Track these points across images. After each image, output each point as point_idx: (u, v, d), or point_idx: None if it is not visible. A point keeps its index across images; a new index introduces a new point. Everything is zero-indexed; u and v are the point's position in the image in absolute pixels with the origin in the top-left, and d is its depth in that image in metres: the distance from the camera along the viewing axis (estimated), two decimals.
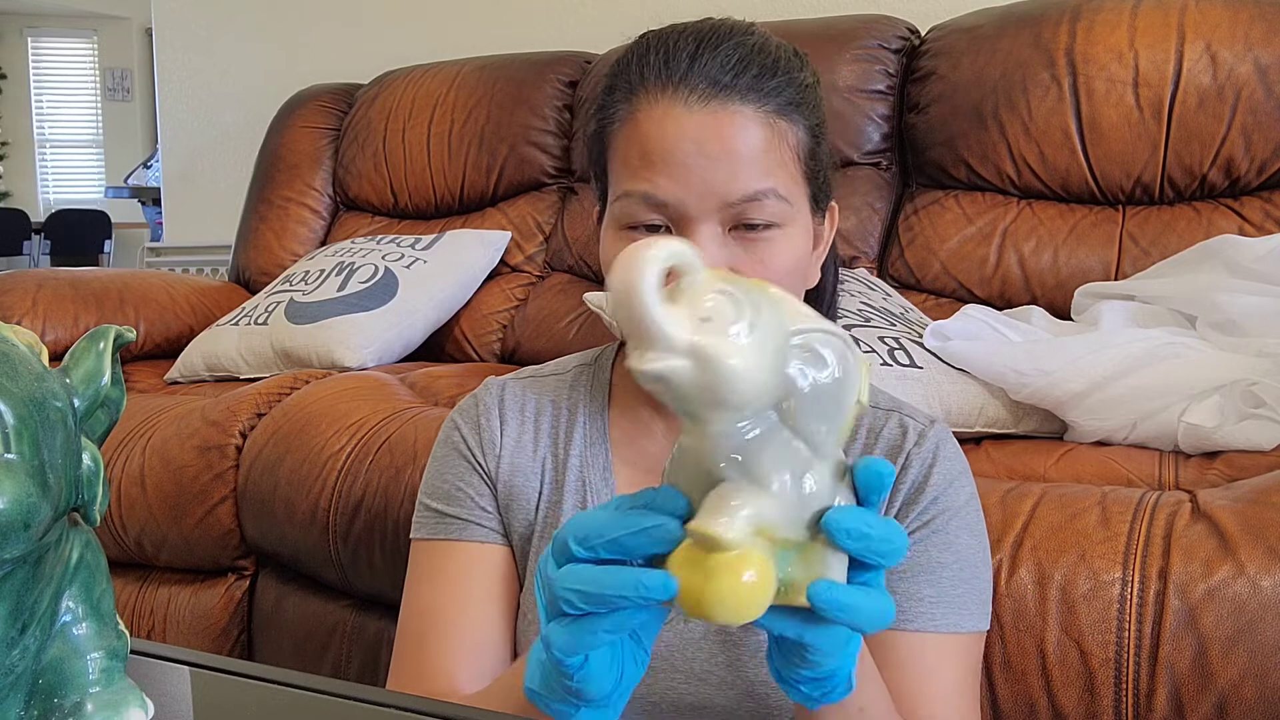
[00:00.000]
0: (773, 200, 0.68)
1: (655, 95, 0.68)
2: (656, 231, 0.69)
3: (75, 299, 2.01)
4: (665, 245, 0.42)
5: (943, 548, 0.71)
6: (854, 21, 1.83)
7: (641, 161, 0.68)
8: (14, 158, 7.98)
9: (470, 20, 2.61)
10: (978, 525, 0.75)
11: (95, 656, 0.49)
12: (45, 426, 0.44)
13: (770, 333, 0.42)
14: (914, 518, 0.72)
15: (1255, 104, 1.52)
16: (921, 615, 0.70)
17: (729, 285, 0.43)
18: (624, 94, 0.71)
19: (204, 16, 2.97)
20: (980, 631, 0.73)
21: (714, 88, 0.67)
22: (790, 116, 0.69)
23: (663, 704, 0.73)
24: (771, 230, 0.68)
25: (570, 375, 0.83)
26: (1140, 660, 0.86)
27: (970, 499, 0.75)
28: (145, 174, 6.45)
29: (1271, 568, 0.85)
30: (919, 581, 0.71)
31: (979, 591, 0.73)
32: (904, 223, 1.76)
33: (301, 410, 1.44)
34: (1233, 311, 1.28)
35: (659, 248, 0.42)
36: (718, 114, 0.67)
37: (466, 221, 2.19)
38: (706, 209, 0.67)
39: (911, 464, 0.73)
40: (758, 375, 0.42)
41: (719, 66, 0.67)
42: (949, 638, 0.70)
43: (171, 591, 1.52)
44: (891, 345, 1.32)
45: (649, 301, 0.41)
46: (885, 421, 0.76)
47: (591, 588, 0.45)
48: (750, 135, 0.67)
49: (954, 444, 0.76)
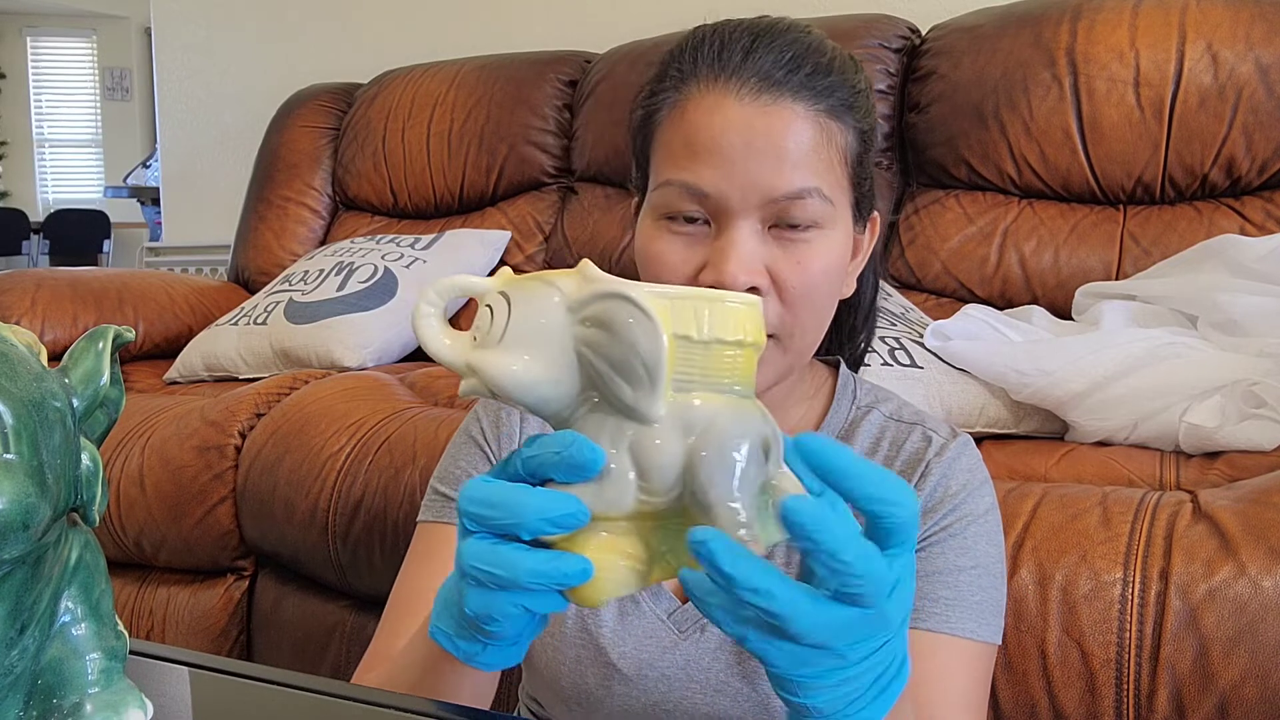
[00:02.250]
0: (816, 200, 0.66)
1: (706, 86, 0.67)
2: (694, 224, 0.68)
3: (74, 299, 2.01)
4: (439, 284, 0.45)
5: (961, 553, 0.71)
6: (854, 21, 1.83)
7: (686, 151, 0.67)
8: (13, 157, 7.98)
9: (470, 20, 2.61)
10: (997, 536, 0.74)
11: (94, 657, 0.49)
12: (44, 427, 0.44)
13: (536, 325, 0.42)
14: (933, 524, 0.71)
15: (1256, 103, 1.52)
16: (936, 616, 0.69)
17: (501, 290, 0.44)
18: (674, 83, 0.70)
19: (203, 16, 2.97)
20: (993, 644, 0.71)
21: (766, 82, 0.66)
22: (841, 119, 0.68)
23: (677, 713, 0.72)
24: (811, 231, 0.67)
25: None
26: (1141, 661, 0.86)
27: (990, 510, 0.74)
28: (144, 174, 6.45)
29: (1273, 568, 0.85)
30: (935, 583, 0.70)
31: (995, 603, 0.71)
32: (904, 222, 1.75)
33: (301, 410, 1.44)
34: (1234, 311, 1.28)
35: (432, 288, 0.45)
36: (768, 109, 0.66)
37: (466, 221, 2.19)
38: (748, 204, 0.66)
39: (932, 472, 0.73)
40: (530, 369, 0.42)
41: (773, 62, 0.66)
42: (964, 642, 0.69)
43: (170, 592, 1.52)
44: (892, 345, 1.32)
45: (428, 339, 0.45)
46: (909, 434, 0.76)
47: (503, 572, 0.43)
48: (799, 133, 0.66)
49: (976, 455, 0.76)
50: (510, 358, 0.42)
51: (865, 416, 0.77)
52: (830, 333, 0.86)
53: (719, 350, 0.42)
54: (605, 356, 0.42)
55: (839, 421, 0.77)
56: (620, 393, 0.42)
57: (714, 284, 0.65)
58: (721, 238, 0.66)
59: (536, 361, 0.42)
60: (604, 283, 0.42)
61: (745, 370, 0.43)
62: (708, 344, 0.42)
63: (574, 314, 0.42)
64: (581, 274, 0.43)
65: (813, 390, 0.79)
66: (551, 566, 0.42)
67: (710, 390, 0.42)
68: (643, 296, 0.41)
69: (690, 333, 0.41)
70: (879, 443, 0.76)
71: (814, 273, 0.67)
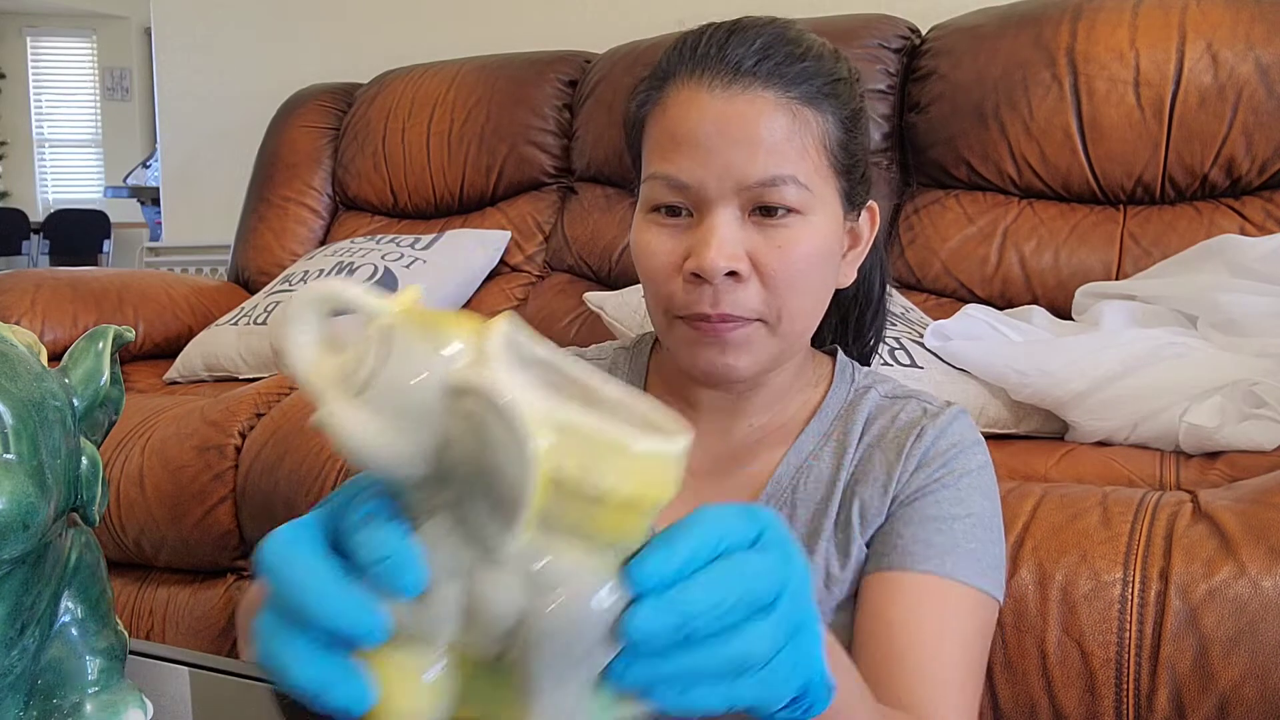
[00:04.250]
0: (791, 187, 0.68)
1: (683, 81, 0.70)
2: (677, 215, 0.70)
3: (74, 299, 2.01)
4: (320, 289, 0.38)
5: (954, 503, 0.71)
6: (854, 21, 1.83)
7: (669, 144, 0.70)
8: (13, 157, 7.98)
9: (470, 20, 2.61)
10: (992, 492, 0.75)
11: (94, 657, 0.49)
12: (44, 427, 0.44)
13: (407, 392, 0.34)
14: (926, 477, 0.73)
15: (1256, 103, 1.52)
16: (932, 559, 0.69)
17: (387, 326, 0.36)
18: (657, 81, 0.73)
19: (203, 16, 2.97)
20: (992, 597, 0.71)
21: (736, 72, 0.68)
22: (817, 106, 0.70)
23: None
24: (790, 217, 0.69)
25: (609, 359, 0.86)
26: (1141, 660, 0.86)
27: (984, 467, 0.75)
28: (144, 174, 6.46)
29: (1273, 568, 0.85)
30: (929, 529, 0.70)
31: (993, 557, 0.72)
32: (904, 222, 1.75)
33: (301, 410, 1.44)
34: (1234, 311, 1.28)
35: (312, 292, 0.38)
36: (737, 98, 0.68)
37: (466, 221, 2.19)
38: (725, 190, 0.68)
39: (925, 433, 0.74)
40: (385, 442, 0.34)
41: (744, 53, 0.69)
42: (959, 587, 0.69)
43: (170, 592, 1.52)
44: (892, 345, 1.32)
45: (289, 348, 0.38)
46: (904, 406, 0.78)
47: (279, 666, 0.36)
48: (771, 121, 0.68)
49: (970, 424, 0.78)
50: (367, 419, 0.34)
51: (863, 396, 0.79)
52: (839, 330, 0.88)
53: (604, 507, 0.34)
54: (468, 461, 0.34)
55: (838, 403, 0.79)
56: (474, 510, 0.34)
57: (696, 270, 0.67)
58: (701, 225, 0.68)
59: (397, 434, 0.34)
60: (491, 375, 0.33)
61: (633, 530, 0.35)
62: (589, 497, 0.33)
63: (451, 396, 0.34)
64: (481, 348, 0.35)
65: (815, 380, 0.80)
66: (328, 685, 0.35)
67: (581, 545, 0.34)
68: (522, 417, 0.32)
69: (573, 478, 0.33)
70: (875, 418, 0.77)
71: (795, 257, 0.69)
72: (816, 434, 0.77)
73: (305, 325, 0.38)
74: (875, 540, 0.72)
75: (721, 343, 0.69)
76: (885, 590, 0.69)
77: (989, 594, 0.70)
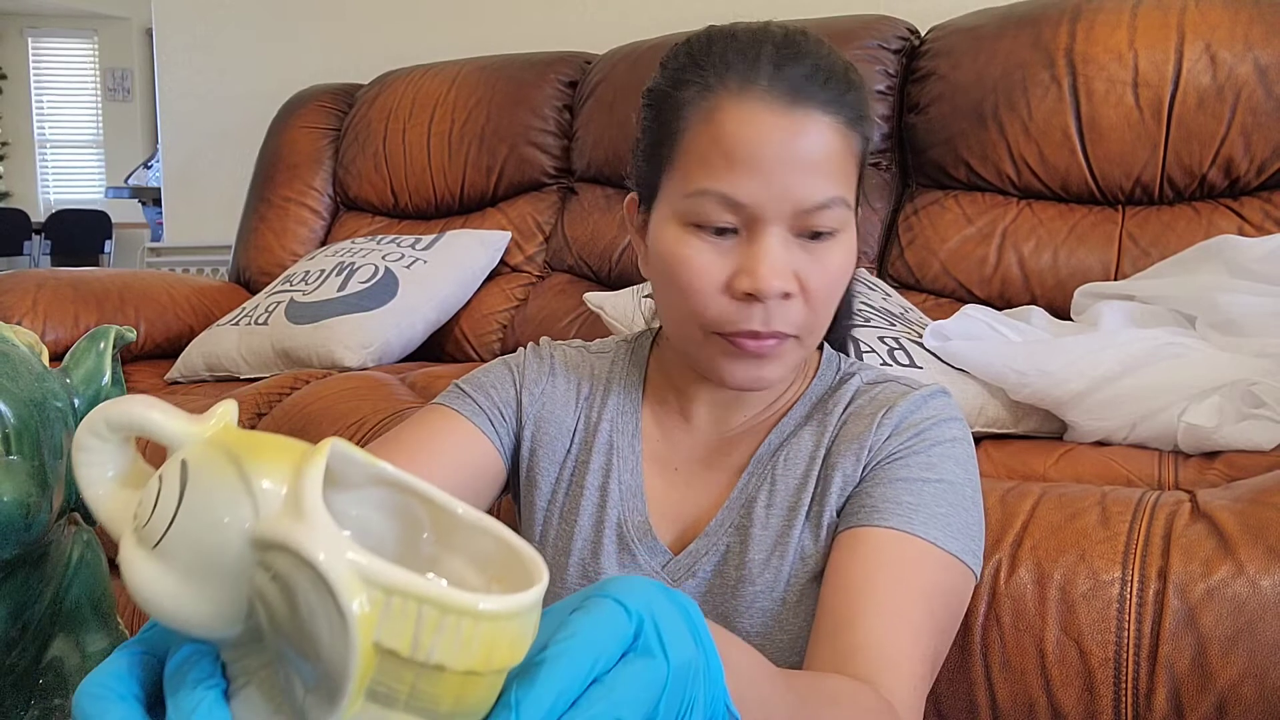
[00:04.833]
0: (839, 209, 0.70)
1: (738, 96, 0.69)
2: (724, 235, 0.70)
3: (75, 299, 2.01)
4: (114, 412, 0.34)
5: (925, 468, 0.72)
6: (854, 22, 1.83)
7: (724, 161, 0.68)
8: (14, 158, 7.99)
9: (470, 20, 2.61)
10: (968, 463, 0.74)
11: (95, 657, 0.50)
12: (45, 427, 0.44)
13: (205, 544, 0.30)
14: (897, 444, 0.73)
15: (1255, 104, 1.52)
16: (896, 516, 0.69)
17: (183, 461, 0.32)
18: (699, 90, 0.71)
19: (204, 16, 2.97)
20: (965, 565, 0.70)
21: (798, 95, 0.68)
22: (858, 128, 0.71)
23: None
24: (832, 236, 0.70)
25: (612, 353, 0.88)
26: (1140, 660, 0.86)
27: (959, 440, 0.75)
28: (145, 174, 6.46)
29: (1271, 567, 0.85)
30: (897, 489, 0.70)
31: (964, 524, 0.71)
32: (904, 223, 1.76)
33: (301, 410, 1.44)
34: (1233, 312, 1.28)
35: (103, 416, 0.34)
36: (802, 121, 0.68)
37: (466, 221, 2.19)
38: (781, 213, 0.68)
39: (899, 404, 0.75)
40: (183, 600, 0.30)
41: (803, 75, 0.69)
42: (921, 543, 0.68)
43: None
44: (891, 345, 1.32)
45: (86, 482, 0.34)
46: (884, 388, 0.79)
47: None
48: (828, 144, 0.69)
49: (949, 401, 0.78)
50: (163, 572, 0.30)
51: (845, 383, 0.80)
52: None
53: (444, 675, 0.29)
54: (281, 628, 0.29)
55: (822, 388, 0.81)
56: (290, 682, 0.30)
57: (749, 291, 0.68)
58: (754, 245, 0.69)
59: (195, 592, 0.30)
60: (305, 526, 0.28)
61: (479, 699, 0.30)
62: (425, 666, 0.29)
63: (257, 549, 0.30)
64: (296, 488, 0.30)
65: (805, 370, 0.83)
66: None
67: (422, 718, 0.30)
68: (340, 579, 0.28)
69: (403, 649, 0.28)
70: (856, 399, 0.78)
71: (834, 274, 0.71)
72: (799, 416, 0.79)
73: (95, 455, 0.33)
74: (846, 504, 0.73)
75: (761, 358, 0.71)
76: (848, 546, 0.69)
77: (958, 558, 0.69)
